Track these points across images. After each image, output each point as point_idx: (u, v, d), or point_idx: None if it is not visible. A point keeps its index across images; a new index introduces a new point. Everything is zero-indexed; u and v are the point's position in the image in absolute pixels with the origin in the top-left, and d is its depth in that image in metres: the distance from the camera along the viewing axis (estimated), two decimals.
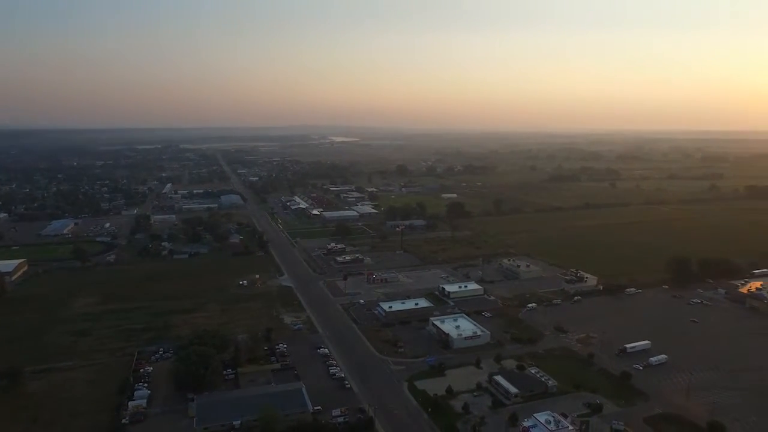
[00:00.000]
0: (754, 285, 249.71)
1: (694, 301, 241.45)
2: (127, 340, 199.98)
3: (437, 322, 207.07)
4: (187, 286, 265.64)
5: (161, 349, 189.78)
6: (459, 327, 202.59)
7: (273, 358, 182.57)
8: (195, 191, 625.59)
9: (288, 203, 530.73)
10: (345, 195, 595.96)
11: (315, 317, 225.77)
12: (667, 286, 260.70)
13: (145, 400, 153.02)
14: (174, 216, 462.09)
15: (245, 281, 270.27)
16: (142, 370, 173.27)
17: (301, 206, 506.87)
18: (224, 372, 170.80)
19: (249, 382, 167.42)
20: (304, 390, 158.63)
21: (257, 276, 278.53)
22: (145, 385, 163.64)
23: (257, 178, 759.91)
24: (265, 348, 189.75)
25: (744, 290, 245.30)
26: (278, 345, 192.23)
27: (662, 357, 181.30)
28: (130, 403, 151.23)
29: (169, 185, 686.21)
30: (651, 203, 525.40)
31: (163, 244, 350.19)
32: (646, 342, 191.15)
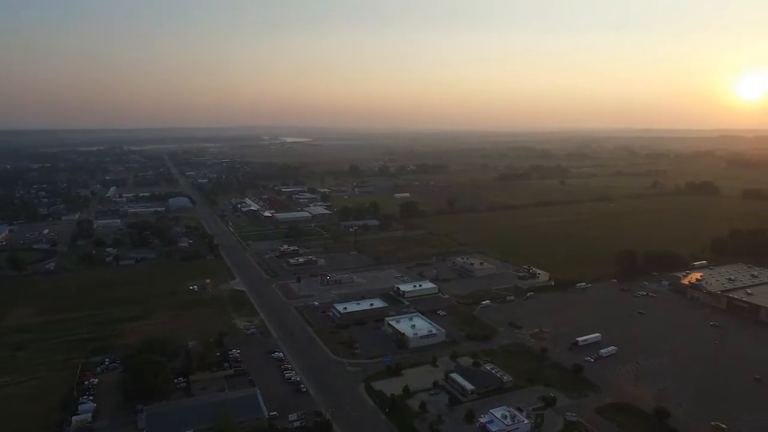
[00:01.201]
0: (695, 276, 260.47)
1: (640, 293, 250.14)
2: (69, 351, 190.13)
3: (393, 322, 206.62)
4: (134, 292, 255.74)
5: (107, 359, 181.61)
6: (415, 326, 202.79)
7: (226, 364, 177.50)
8: (141, 194, 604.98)
9: (239, 205, 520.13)
10: (297, 196, 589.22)
11: (268, 321, 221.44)
12: (615, 280, 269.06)
13: (90, 414, 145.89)
14: (119, 220, 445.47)
15: (196, 286, 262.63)
16: (86, 383, 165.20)
17: (252, 208, 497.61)
18: (175, 380, 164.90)
19: (201, 389, 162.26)
20: (259, 395, 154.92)
21: (208, 280, 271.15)
22: (91, 398, 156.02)
23: (206, 180, 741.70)
24: (218, 354, 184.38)
25: (685, 281, 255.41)
26: (231, 350, 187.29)
27: (612, 349, 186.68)
28: (73, 418, 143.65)
29: (113, 188, 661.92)
30: (599, 200, 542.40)
31: (107, 249, 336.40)
32: (597, 335, 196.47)
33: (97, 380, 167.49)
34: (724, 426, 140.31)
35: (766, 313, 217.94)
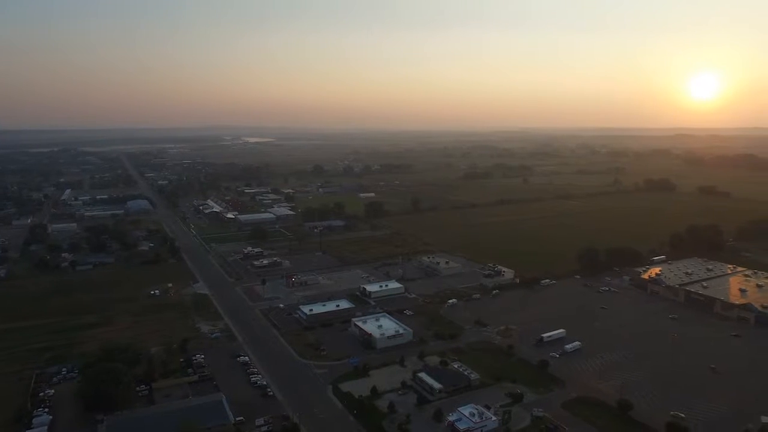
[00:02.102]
0: (654, 271, 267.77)
1: (603, 288, 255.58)
2: (23, 362, 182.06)
3: (359, 323, 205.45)
4: (92, 299, 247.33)
5: (64, 369, 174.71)
6: (381, 326, 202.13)
7: (190, 370, 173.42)
8: (98, 197, 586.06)
9: (201, 207, 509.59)
10: (261, 197, 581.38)
11: (233, 324, 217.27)
12: (578, 276, 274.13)
13: (45, 427, 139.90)
14: (75, 224, 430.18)
15: (157, 290, 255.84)
16: (41, 394, 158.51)
17: (214, 210, 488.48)
18: (137, 388, 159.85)
19: (164, 397, 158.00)
20: (224, 401, 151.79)
21: (170, 284, 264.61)
22: (46, 410, 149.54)
23: (167, 182, 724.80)
24: (181, 360, 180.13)
25: (645, 276, 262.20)
26: (195, 356, 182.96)
27: (576, 344, 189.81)
28: None
29: (68, 191, 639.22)
30: (561, 197, 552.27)
31: (63, 255, 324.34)
32: (561, 330, 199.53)
33: (53, 391, 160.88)
34: (683, 415, 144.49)
35: (721, 305, 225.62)
